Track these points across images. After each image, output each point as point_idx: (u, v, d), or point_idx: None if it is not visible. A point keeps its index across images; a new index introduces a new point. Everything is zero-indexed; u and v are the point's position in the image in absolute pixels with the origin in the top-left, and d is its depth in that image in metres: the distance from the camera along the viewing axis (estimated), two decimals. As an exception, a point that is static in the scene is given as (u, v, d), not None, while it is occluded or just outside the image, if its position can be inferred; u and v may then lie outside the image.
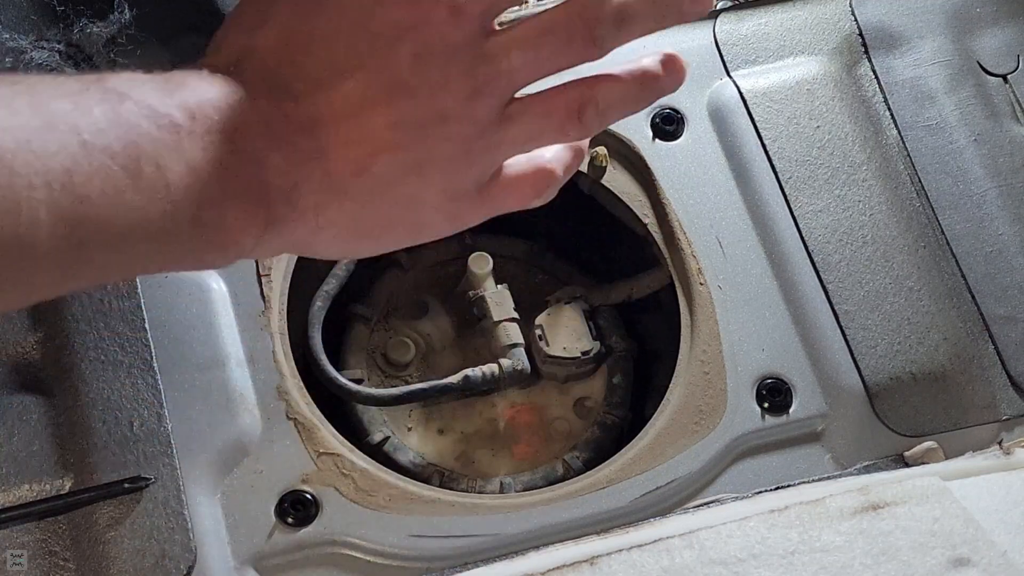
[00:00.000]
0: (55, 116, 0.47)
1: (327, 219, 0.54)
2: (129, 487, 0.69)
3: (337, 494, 0.71)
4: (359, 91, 0.53)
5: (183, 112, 0.50)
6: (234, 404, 0.73)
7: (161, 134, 0.49)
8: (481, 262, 0.86)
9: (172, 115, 0.50)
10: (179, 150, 0.49)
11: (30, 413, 0.71)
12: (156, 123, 0.49)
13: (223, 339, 0.75)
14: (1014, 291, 0.81)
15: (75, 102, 0.48)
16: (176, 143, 0.50)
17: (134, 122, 0.49)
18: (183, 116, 0.50)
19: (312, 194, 0.54)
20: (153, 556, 0.68)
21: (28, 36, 0.80)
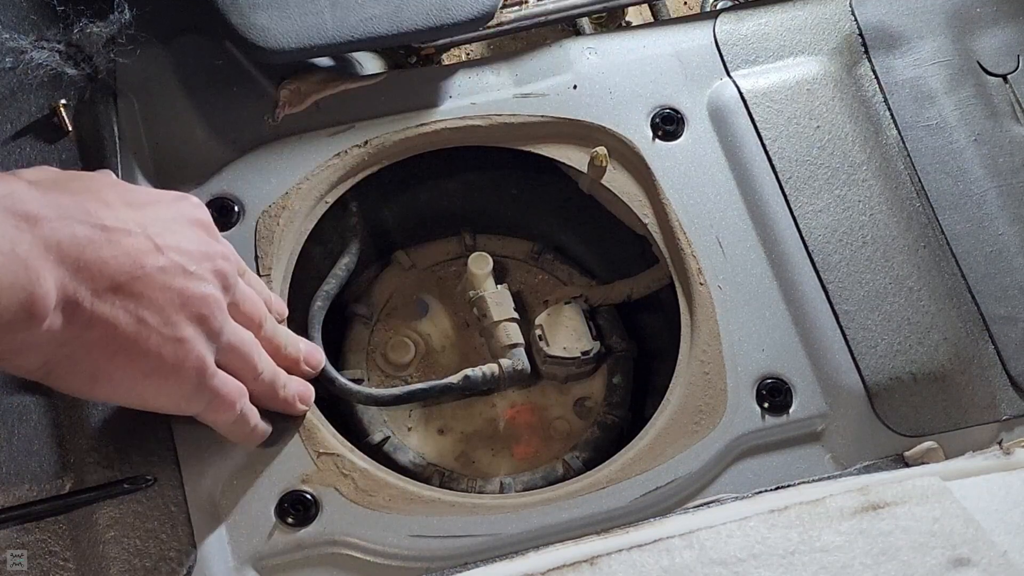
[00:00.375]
0: None
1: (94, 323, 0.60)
2: (129, 487, 0.69)
3: (337, 494, 0.71)
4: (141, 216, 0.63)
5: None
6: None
7: None
8: (481, 262, 0.86)
9: None
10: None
11: (30, 413, 0.71)
12: None
13: (223, 339, 0.75)
14: (1014, 291, 0.81)
15: None
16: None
17: None
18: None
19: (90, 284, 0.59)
20: (153, 556, 0.68)
21: (28, 36, 0.80)
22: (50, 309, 0.57)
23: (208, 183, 0.81)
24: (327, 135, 0.83)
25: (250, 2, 0.81)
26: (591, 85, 0.87)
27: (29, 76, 0.80)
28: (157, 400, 0.65)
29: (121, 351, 0.61)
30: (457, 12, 0.84)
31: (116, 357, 0.61)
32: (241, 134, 0.83)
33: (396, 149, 0.84)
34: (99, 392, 0.63)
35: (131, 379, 0.63)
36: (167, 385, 0.64)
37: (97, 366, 0.61)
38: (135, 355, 0.62)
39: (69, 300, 0.58)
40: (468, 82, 0.87)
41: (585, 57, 0.88)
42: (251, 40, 0.81)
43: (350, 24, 0.82)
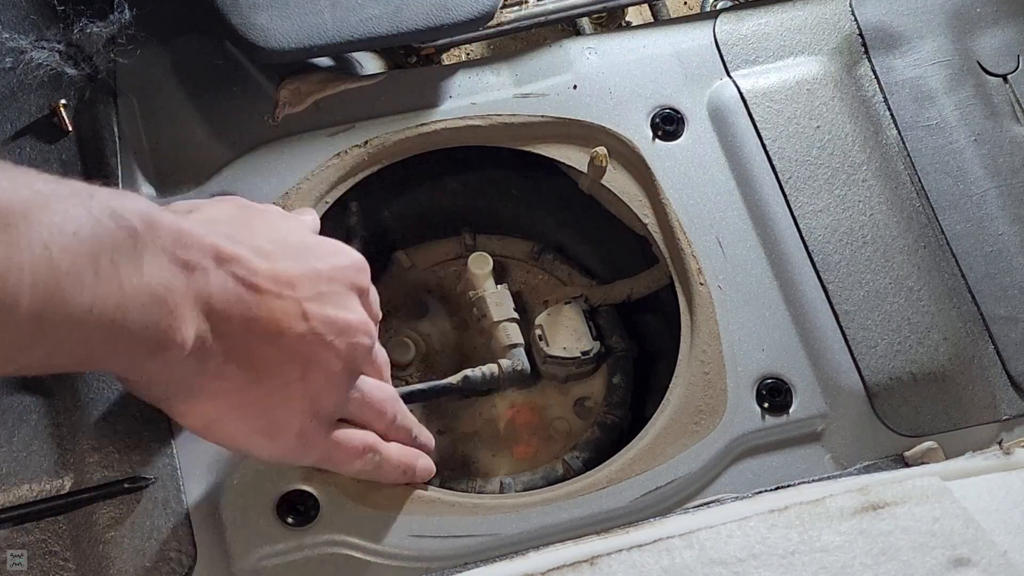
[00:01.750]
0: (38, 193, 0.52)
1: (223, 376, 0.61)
2: (129, 487, 0.69)
3: (337, 494, 0.71)
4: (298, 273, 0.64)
5: (140, 219, 0.56)
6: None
7: (120, 234, 0.55)
8: (481, 262, 0.86)
9: (130, 220, 0.55)
10: (133, 252, 0.55)
11: (30, 413, 0.71)
12: (117, 223, 0.55)
13: (223, 339, 0.75)
14: (1014, 291, 0.81)
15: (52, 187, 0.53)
16: (131, 245, 0.55)
17: (99, 217, 0.54)
18: (140, 223, 0.56)
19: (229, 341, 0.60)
20: (153, 556, 0.68)
21: (28, 36, 0.80)
22: (183, 355, 0.58)
23: (208, 183, 0.81)
24: (327, 135, 0.84)
25: (250, 2, 0.81)
26: (591, 85, 0.87)
27: (29, 76, 0.80)
28: (262, 453, 0.66)
29: (238, 407, 0.63)
30: (457, 12, 0.84)
31: (232, 411, 0.63)
32: (241, 134, 0.83)
33: (396, 149, 0.84)
34: (211, 435, 0.65)
35: (241, 433, 0.64)
36: (272, 444, 0.65)
37: (215, 415, 0.63)
38: (249, 413, 0.63)
39: (204, 350, 0.60)
40: (468, 82, 0.87)
41: (585, 57, 0.88)
42: (251, 40, 0.81)
43: (350, 24, 0.82)
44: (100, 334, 0.55)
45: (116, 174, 0.80)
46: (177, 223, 0.58)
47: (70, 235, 0.52)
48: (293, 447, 0.65)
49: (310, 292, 0.63)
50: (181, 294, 0.57)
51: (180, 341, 0.58)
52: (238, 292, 0.60)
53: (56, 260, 0.52)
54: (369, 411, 0.69)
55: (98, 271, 0.53)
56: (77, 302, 0.53)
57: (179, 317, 0.57)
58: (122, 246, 0.55)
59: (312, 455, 0.67)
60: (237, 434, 0.64)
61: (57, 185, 0.54)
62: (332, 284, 0.65)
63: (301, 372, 0.63)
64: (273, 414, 0.64)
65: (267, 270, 0.62)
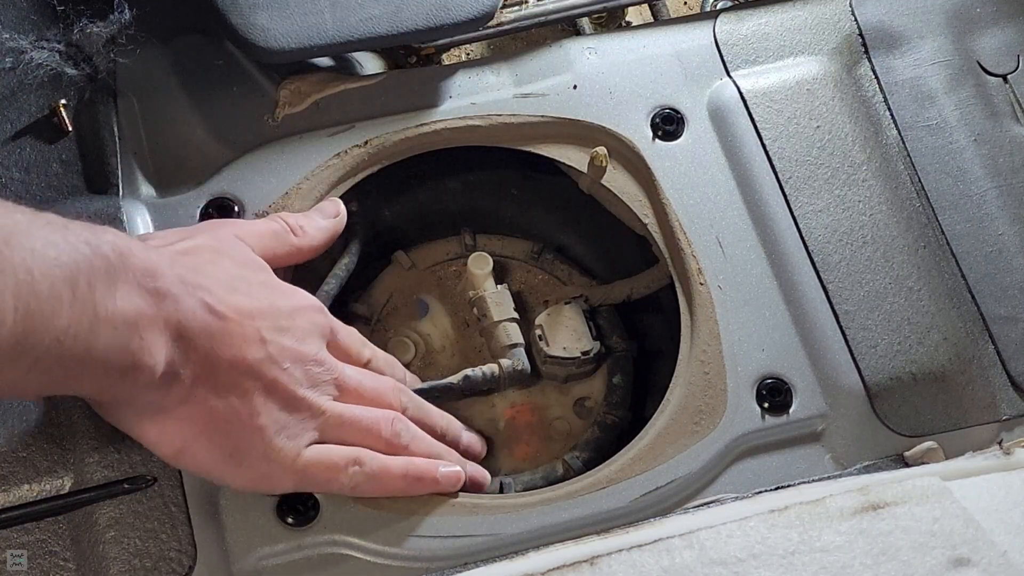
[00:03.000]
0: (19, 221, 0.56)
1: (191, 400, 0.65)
2: (129, 487, 0.69)
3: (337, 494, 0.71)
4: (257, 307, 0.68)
5: (113, 250, 0.60)
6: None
7: (96, 262, 0.59)
8: (481, 262, 0.86)
9: (104, 250, 0.59)
10: (107, 279, 0.59)
11: (30, 413, 0.71)
12: (93, 251, 0.59)
13: (223, 339, 0.75)
14: (1014, 291, 0.81)
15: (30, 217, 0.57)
16: (105, 274, 0.59)
17: (76, 244, 0.58)
18: (112, 253, 0.60)
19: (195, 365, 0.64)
20: (153, 556, 0.68)
21: (28, 36, 0.80)
22: (155, 378, 0.62)
23: (208, 183, 0.81)
24: (327, 135, 0.83)
25: (250, 2, 0.81)
26: (591, 85, 0.87)
27: (29, 76, 0.80)
28: (235, 480, 0.68)
29: (204, 431, 0.65)
30: (457, 12, 0.84)
31: (200, 436, 0.65)
32: (241, 134, 0.83)
33: (396, 149, 0.84)
34: (181, 462, 0.67)
35: (210, 459, 0.66)
36: (241, 469, 0.67)
37: (183, 439, 0.66)
38: (215, 437, 0.66)
39: (173, 375, 0.63)
40: (468, 82, 0.87)
41: (585, 57, 0.88)
42: (251, 40, 0.81)
43: (350, 24, 0.82)
44: (74, 355, 0.58)
45: (116, 174, 0.80)
46: (147, 255, 0.62)
47: (51, 260, 0.56)
48: (263, 472, 0.67)
49: (270, 324, 0.68)
50: (151, 319, 0.61)
51: (150, 364, 0.61)
52: (205, 319, 0.64)
53: (38, 283, 0.55)
54: (351, 431, 0.70)
55: (75, 295, 0.57)
56: (55, 324, 0.56)
57: (149, 341, 0.61)
58: (98, 272, 0.59)
59: (286, 478, 0.68)
60: (207, 461, 0.67)
61: (34, 215, 0.58)
62: (291, 320, 0.69)
63: (264, 394, 0.66)
64: (238, 438, 0.66)
65: (232, 301, 0.66)
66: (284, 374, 0.67)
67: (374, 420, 0.71)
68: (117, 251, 0.60)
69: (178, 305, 0.63)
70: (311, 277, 0.84)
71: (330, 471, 0.69)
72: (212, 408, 0.65)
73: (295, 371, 0.68)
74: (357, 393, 0.72)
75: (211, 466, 0.67)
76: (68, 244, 0.58)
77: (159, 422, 0.65)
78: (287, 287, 0.73)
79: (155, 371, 0.62)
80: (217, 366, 0.65)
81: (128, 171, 0.80)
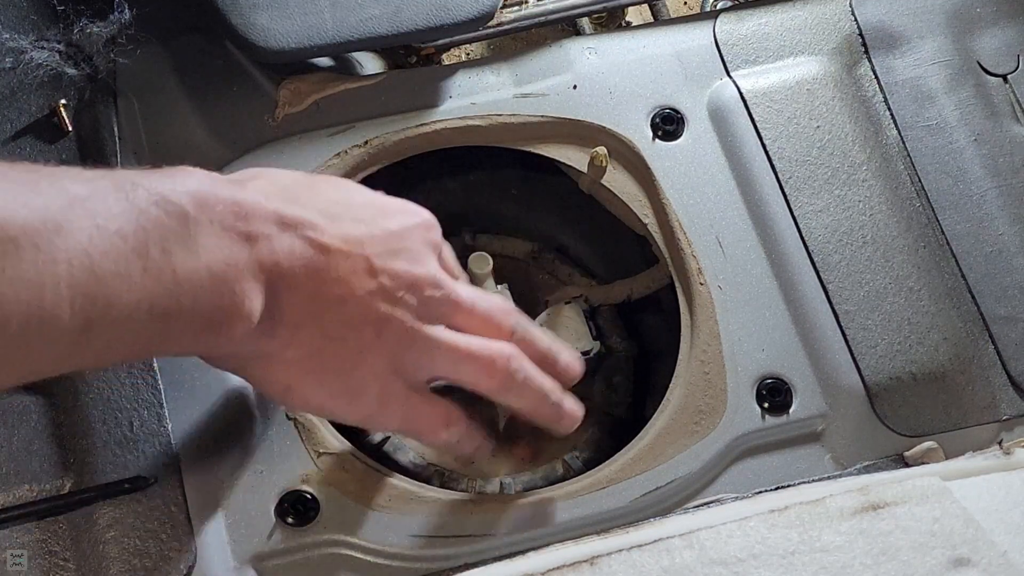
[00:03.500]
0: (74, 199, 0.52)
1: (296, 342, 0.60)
2: (129, 487, 0.69)
3: (337, 494, 0.71)
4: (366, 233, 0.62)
5: (192, 200, 0.55)
6: (234, 404, 0.73)
7: (169, 221, 0.54)
8: (481, 262, 0.86)
9: (181, 203, 0.55)
10: (185, 237, 0.55)
11: (30, 413, 0.71)
12: (165, 210, 0.54)
13: (223, 339, 0.75)
14: (1014, 291, 0.81)
15: (91, 187, 0.52)
16: (182, 231, 0.54)
17: (144, 208, 0.53)
18: (191, 204, 0.55)
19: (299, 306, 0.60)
20: (153, 556, 0.68)
21: (28, 36, 0.80)
22: (252, 327, 0.58)
23: (208, 183, 0.81)
24: (327, 135, 0.83)
25: (250, 2, 0.81)
26: (591, 85, 0.87)
27: (29, 76, 0.79)
28: (346, 416, 0.65)
29: (314, 370, 0.62)
30: (457, 12, 0.84)
31: (309, 375, 0.62)
32: (241, 134, 0.83)
33: (396, 149, 0.84)
34: (291, 402, 0.64)
35: (321, 395, 0.63)
36: (353, 405, 0.64)
37: (293, 379, 0.62)
38: (327, 375, 0.62)
39: (273, 320, 0.59)
40: (468, 82, 0.87)
41: (585, 57, 0.88)
42: (251, 40, 0.81)
43: (350, 24, 0.82)
44: (155, 326, 0.54)
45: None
46: (234, 195, 0.58)
47: (112, 234, 0.52)
48: (375, 410, 0.64)
49: (380, 249, 0.62)
50: (243, 266, 0.57)
51: (246, 314, 0.57)
52: (307, 255, 0.59)
53: (98, 265, 0.51)
54: (466, 366, 0.66)
55: (147, 266, 0.53)
56: (126, 301, 0.52)
57: (243, 291, 0.57)
58: (172, 233, 0.54)
59: (394, 419, 0.65)
60: (317, 399, 0.63)
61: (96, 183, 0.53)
62: (403, 241, 0.64)
63: (375, 332, 0.62)
64: (351, 377, 0.62)
65: (335, 230, 0.61)
66: (398, 306, 0.62)
67: (490, 357, 0.66)
68: (198, 200, 0.56)
69: (274, 245, 0.58)
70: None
71: (431, 423, 0.66)
72: (321, 349, 0.61)
73: (409, 299, 0.63)
74: (470, 312, 0.67)
75: (320, 404, 0.64)
76: (135, 209, 0.53)
77: (263, 367, 0.61)
78: (394, 203, 0.67)
79: (252, 320, 0.57)
80: (324, 305, 0.60)
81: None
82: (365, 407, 0.64)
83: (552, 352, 0.72)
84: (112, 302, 0.52)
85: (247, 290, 0.57)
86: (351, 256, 0.61)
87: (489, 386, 0.67)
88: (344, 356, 0.62)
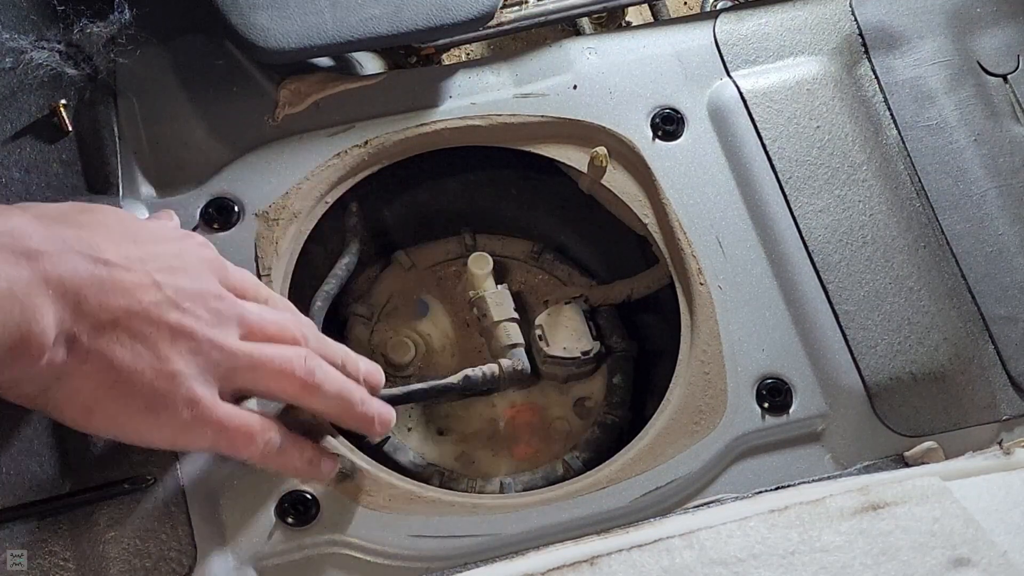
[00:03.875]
0: None
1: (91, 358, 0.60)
2: (129, 487, 0.69)
3: (337, 494, 0.71)
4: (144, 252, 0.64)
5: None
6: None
7: None
8: (481, 262, 0.86)
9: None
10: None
11: (30, 413, 0.71)
12: None
13: (223, 339, 0.75)
14: (1014, 291, 0.81)
15: None
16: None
17: None
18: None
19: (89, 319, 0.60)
20: (153, 556, 0.68)
21: (28, 36, 0.80)
22: (48, 346, 0.58)
23: (208, 183, 0.81)
24: (327, 135, 0.83)
25: (250, 2, 0.81)
26: (591, 85, 0.87)
27: (29, 76, 0.80)
28: (153, 436, 0.64)
29: (115, 385, 0.61)
30: (457, 12, 0.84)
31: (110, 391, 0.62)
32: (241, 134, 0.83)
33: (396, 149, 0.84)
34: (95, 425, 0.63)
35: (125, 414, 0.63)
36: (160, 420, 0.63)
37: (94, 399, 0.62)
38: (128, 390, 0.62)
39: (68, 335, 0.59)
40: (468, 82, 0.87)
41: (585, 57, 0.88)
42: (251, 40, 0.81)
43: (350, 24, 0.82)
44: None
45: (116, 174, 0.80)
46: (10, 219, 0.58)
47: None
48: (183, 424, 0.63)
49: (160, 265, 0.64)
50: (27, 283, 0.57)
51: (38, 331, 0.57)
52: (89, 268, 0.60)
53: None
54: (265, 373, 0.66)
55: None
56: None
57: (33, 307, 0.57)
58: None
59: (204, 434, 0.65)
60: (121, 418, 0.63)
61: None
62: (181, 259, 0.66)
63: (169, 341, 0.62)
64: (153, 392, 0.62)
65: (116, 249, 0.62)
66: (187, 315, 0.63)
67: (286, 360, 0.67)
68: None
69: (55, 261, 0.58)
70: (311, 277, 0.84)
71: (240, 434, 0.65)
72: (118, 362, 0.61)
73: (197, 310, 0.64)
74: (261, 329, 0.68)
75: (125, 423, 0.63)
76: None
77: (62, 390, 0.61)
78: (173, 230, 0.70)
79: (46, 337, 0.57)
80: (113, 317, 0.61)
81: (128, 171, 0.80)
82: (172, 424, 0.63)
83: (351, 359, 0.73)
84: None
85: (36, 306, 0.57)
86: (132, 270, 0.62)
87: (291, 391, 0.67)
88: (141, 370, 0.62)
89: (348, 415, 0.70)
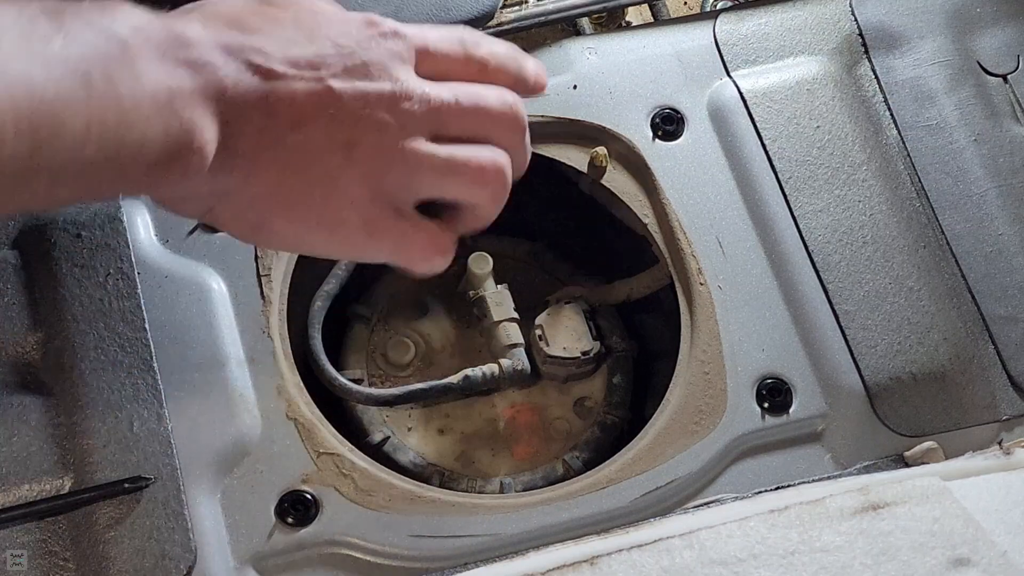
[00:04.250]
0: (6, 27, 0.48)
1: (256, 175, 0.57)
2: (129, 487, 0.69)
3: (337, 494, 0.71)
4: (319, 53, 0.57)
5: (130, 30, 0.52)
6: (234, 404, 0.73)
7: (109, 49, 0.51)
8: (481, 262, 0.86)
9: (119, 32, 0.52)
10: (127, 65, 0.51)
11: (30, 413, 0.71)
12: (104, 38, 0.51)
13: (223, 339, 0.75)
14: (1014, 291, 0.81)
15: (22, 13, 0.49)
16: (123, 58, 0.51)
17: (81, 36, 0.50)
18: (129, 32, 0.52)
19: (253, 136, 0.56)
20: (153, 556, 0.68)
21: None
22: (207, 161, 0.54)
23: (208, 183, 0.81)
24: (327, 135, 0.83)
25: (250, 2, 0.81)
26: (591, 85, 0.87)
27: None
28: (332, 251, 0.62)
29: (282, 205, 0.58)
30: (457, 12, 0.84)
31: (277, 211, 0.58)
32: (241, 134, 0.83)
33: (396, 149, 0.84)
34: (266, 241, 0.61)
35: (296, 232, 0.60)
36: (337, 239, 0.60)
37: (260, 218, 0.59)
38: (296, 210, 0.58)
39: (228, 152, 0.55)
40: (468, 82, 0.87)
41: (585, 57, 0.88)
42: (251, 40, 0.80)
43: (350, 24, 0.82)
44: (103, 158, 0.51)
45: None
46: (171, 26, 0.54)
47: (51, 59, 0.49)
48: (360, 239, 0.60)
49: (337, 68, 0.58)
50: (189, 94, 0.53)
51: (198, 146, 0.54)
52: (253, 81, 0.55)
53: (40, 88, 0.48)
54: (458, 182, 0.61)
55: (91, 93, 0.50)
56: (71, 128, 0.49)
57: (192, 120, 0.53)
58: (114, 60, 0.51)
59: (384, 249, 0.61)
60: (292, 235, 0.60)
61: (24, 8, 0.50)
62: (363, 54, 0.59)
63: (343, 156, 0.58)
64: (325, 207, 0.58)
65: (285, 54, 0.57)
66: (365, 127, 0.57)
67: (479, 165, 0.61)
68: (134, 28, 0.52)
69: (218, 72, 0.54)
70: (311, 277, 0.84)
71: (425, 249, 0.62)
72: (283, 181, 0.57)
73: (379, 116, 0.58)
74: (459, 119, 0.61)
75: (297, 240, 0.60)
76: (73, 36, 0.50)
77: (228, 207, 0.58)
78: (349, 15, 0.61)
79: (206, 151, 0.54)
80: (279, 133, 0.56)
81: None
82: (349, 239, 0.60)
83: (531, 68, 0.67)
84: (57, 130, 0.49)
85: (196, 119, 0.53)
86: (303, 79, 0.56)
87: (480, 197, 0.63)
88: (311, 186, 0.58)
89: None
